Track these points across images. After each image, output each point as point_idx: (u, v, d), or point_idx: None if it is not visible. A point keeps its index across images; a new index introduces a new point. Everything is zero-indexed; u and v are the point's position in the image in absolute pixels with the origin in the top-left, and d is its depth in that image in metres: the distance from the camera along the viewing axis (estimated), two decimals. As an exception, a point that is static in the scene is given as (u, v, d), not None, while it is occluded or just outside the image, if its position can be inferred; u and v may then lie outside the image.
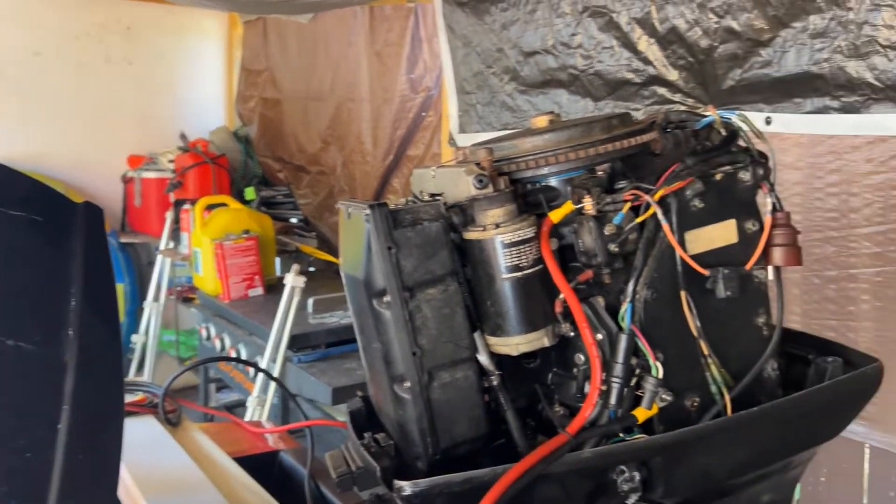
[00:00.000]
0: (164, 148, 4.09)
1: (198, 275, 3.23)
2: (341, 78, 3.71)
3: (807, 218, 1.75)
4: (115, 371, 0.65)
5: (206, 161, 3.89)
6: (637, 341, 0.71)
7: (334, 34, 3.70)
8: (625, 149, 0.75)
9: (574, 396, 0.75)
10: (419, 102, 3.24)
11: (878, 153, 1.64)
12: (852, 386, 0.79)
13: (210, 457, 1.09)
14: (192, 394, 3.34)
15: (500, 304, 0.71)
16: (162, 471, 1.01)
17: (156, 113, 4.28)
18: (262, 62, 4.30)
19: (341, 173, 3.74)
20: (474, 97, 2.59)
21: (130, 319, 3.89)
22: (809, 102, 1.64)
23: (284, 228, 3.81)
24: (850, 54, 1.55)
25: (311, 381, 2.42)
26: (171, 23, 4.31)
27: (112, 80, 4.13)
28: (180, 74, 4.39)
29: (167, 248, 3.60)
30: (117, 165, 4.12)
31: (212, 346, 3.03)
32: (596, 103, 2.17)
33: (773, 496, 0.81)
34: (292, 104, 4.12)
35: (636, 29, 2.02)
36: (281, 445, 1.26)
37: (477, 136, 2.55)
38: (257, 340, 2.74)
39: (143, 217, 4.03)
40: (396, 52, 3.31)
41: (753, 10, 1.72)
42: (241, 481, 1.02)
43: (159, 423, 1.16)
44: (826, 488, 1.73)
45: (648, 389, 0.71)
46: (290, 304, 2.64)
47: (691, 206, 0.75)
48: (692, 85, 1.92)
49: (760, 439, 0.76)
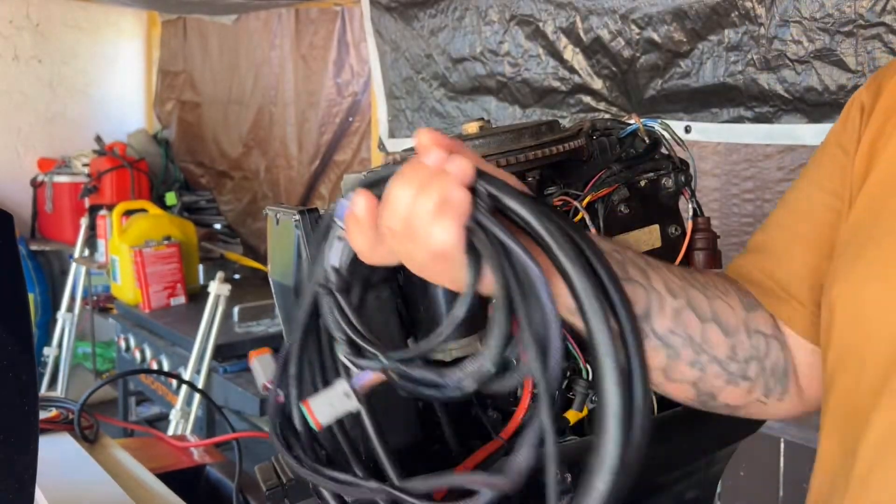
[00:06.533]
0: (77, 151, 3.92)
1: (115, 283, 3.11)
2: (264, 81, 3.64)
3: (724, 223, 1.83)
4: (28, 386, 0.61)
5: (123, 165, 3.75)
6: (567, 345, 0.73)
7: (258, 36, 3.63)
8: (554, 155, 0.76)
9: (507, 400, 0.75)
10: (346, 107, 3.21)
11: (787, 161, 1.73)
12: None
13: (130, 474, 1.04)
14: (110, 408, 3.20)
15: (434, 310, 0.71)
16: (79, 491, 0.96)
17: (68, 114, 4.09)
18: (181, 63, 4.18)
19: (265, 178, 3.67)
20: (403, 102, 2.59)
21: (42, 331, 3.71)
22: (726, 112, 1.72)
23: (208, 235, 3.71)
24: (762, 67, 1.64)
25: (238, 391, 2.36)
26: (85, 20, 4.13)
27: (20, 79, 3.93)
28: (95, 74, 4.21)
29: (82, 255, 3.44)
30: (27, 169, 3.92)
31: (131, 357, 2.91)
32: (524, 110, 2.21)
33: (697, 492, 0.84)
34: (212, 108, 4.01)
35: (562, 38, 2.06)
36: (207, 459, 1.22)
37: (407, 142, 2.55)
38: (180, 351, 2.65)
39: (56, 223, 3.85)
40: (322, 55, 3.27)
41: (673, 23, 1.79)
42: (165, 499, 0.98)
43: (75, 441, 1.11)
44: (745, 482, 1.81)
45: (579, 392, 0.73)
46: (215, 312, 2.57)
47: (617, 212, 0.77)
48: (616, 94, 1.97)
49: (685, 436, 0.79)
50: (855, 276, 0.55)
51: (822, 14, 1.52)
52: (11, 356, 0.60)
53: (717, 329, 0.60)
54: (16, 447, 0.60)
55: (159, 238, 3.03)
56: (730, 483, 1.81)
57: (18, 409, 0.60)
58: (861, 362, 0.53)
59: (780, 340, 0.64)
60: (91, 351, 3.49)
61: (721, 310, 0.61)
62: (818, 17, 1.53)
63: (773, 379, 0.63)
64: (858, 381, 0.53)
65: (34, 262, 3.78)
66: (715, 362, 0.60)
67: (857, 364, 0.54)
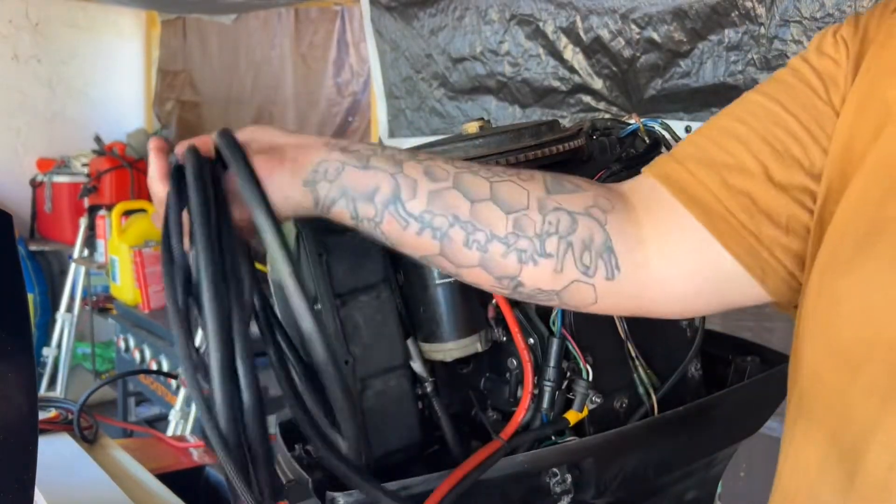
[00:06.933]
0: (77, 151, 3.91)
1: (115, 284, 3.10)
2: (264, 81, 3.64)
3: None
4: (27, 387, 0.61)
5: (123, 165, 3.75)
6: (568, 345, 0.73)
7: (257, 36, 3.63)
8: (554, 155, 0.76)
9: (507, 401, 0.75)
10: (346, 107, 3.21)
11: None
12: (770, 383, 0.82)
13: (130, 474, 1.04)
14: (109, 409, 3.20)
15: (433, 310, 0.71)
16: (78, 491, 0.96)
17: (68, 114, 4.08)
18: (180, 63, 4.17)
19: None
20: (403, 102, 2.59)
21: (41, 332, 3.70)
22: (725, 112, 1.72)
23: (207, 235, 3.70)
24: (762, 67, 1.63)
25: (237, 391, 2.35)
26: (84, 20, 4.12)
27: (19, 79, 3.92)
28: (94, 74, 4.20)
29: (81, 256, 3.44)
30: (26, 169, 3.91)
31: (130, 358, 2.91)
32: (524, 110, 2.21)
33: (697, 493, 0.84)
34: (212, 107, 4.01)
35: (562, 38, 2.06)
36: (206, 460, 1.22)
37: (406, 142, 2.55)
38: (179, 351, 2.65)
39: (55, 223, 3.84)
40: (322, 55, 3.27)
41: (673, 23, 1.79)
42: (164, 499, 0.98)
43: (74, 441, 1.11)
44: (745, 483, 1.81)
45: (579, 392, 0.73)
46: (214, 312, 2.56)
47: (618, 212, 0.77)
48: (616, 93, 1.97)
49: (686, 437, 0.79)
50: (870, 268, 0.50)
51: (822, 14, 1.52)
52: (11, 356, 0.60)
53: (494, 206, 0.58)
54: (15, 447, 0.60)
55: (159, 238, 3.02)
56: (730, 484, 1.81)
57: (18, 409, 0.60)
58: (865, 362, 0.50)
59: (599, 221, 0.59)
60: (90, 351, 3.49)
61: (505, 191, 0.58)
62: (818, 17, 1.53)
63: (590, 255, 0.58)
64: (854, 380, 0.50)
65: (33, 262, 3.78)
66: (495, 240, 0.57)
67: (856, 364, 0.51)
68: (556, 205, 0.59)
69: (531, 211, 0.58)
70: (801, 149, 0.57)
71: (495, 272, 0.59)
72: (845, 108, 0.56)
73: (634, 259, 0.60)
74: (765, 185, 0.57)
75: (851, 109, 0.56)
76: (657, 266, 0.60)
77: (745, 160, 0.58)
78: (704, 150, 0.60)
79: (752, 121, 0.59)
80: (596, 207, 0.60)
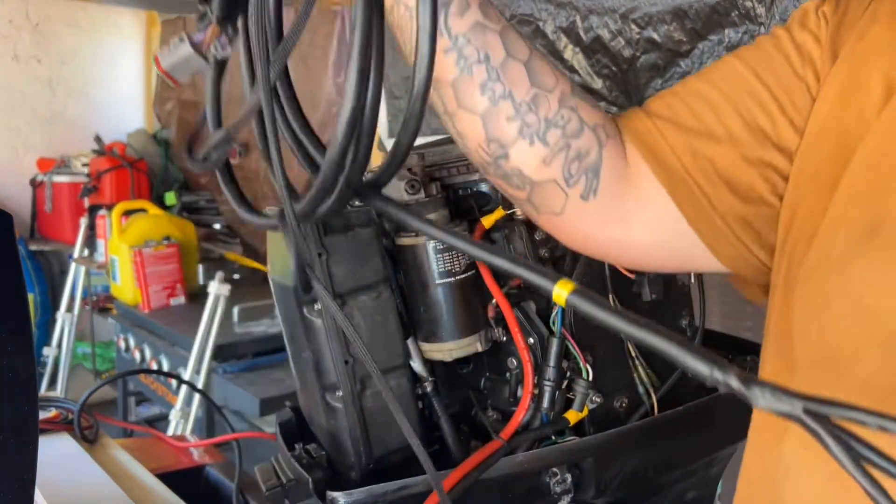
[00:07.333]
0: (77, 151, 3.91)
1: (115, 284, 3.10)
2: (265, 81, 3.63)
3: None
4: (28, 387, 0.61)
5: (123, 165, 3.75)
6: (568, 345, 0.73)
7: (258, 36, 3.63)
8: (554, 155, 0.76)
9: (507, 401, 0.75)
10: (346, 107, 3.21)
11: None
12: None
13: (130, 474, 1.04)
14: (109, 408, 3.20)
15: (433, 310, 0.71)
16: (79, 491, 0.96)
17: (68, 114, 4.08)
18: (182, 63, 4.18)
19: (265, 178, 3.66)
20: (403, 102, 2.59)
21: (41, 331, 3.70)
22: (725, 112, 1.72)
23: (208, 235, 3.70)
24: (762, 66, 1.63)
25: (238, 392, 2.35)
26: (85, 20, 4.13)
27: (19, 79, 3.93)
28: (94, 74, 4.20)
29: (81, 255, 3.44)
30: (26, 169, 3.91)
31: (131, 357, 2.91)
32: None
33: (697, 492, 0.84)
34: (214, 107, 4.01)
35: (562, 38, 2.06)
36: (207, 460, 1.22)
37: (405, 142, 2.54)
38: (180, 351, 2.65)
39: (55, 223, 3.84)
40: (322, 55, 3.27)
41: (672, 23, 1.79)
42: (165, 499, 0.98)
43: (75, 441, 1.10)
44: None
45: (579, 392, 0.73)
46: (215, 312, 2.56)
47: (618, 212, 0.77)
48: (616, 93, 1.97)
49: (686, 437, 0.79)
50: (861, 266, 0.50)
51: (821, 14, 1.52)
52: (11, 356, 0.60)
53: (524, 71, 0.56)
54: (16, 447, 0.60)
55: (159, 238, 3.03)
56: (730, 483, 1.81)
57: (18, 409, 0.60)
58: (857, 362, 0.50)
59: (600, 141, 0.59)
60: (91, 351, 3.49)
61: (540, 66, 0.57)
62: (818, 17, 1.53)
63: (578, 166, 0.58)
64: (840, 382, 0.50)
65: (33, 262, 3.78)
66: (510, 100, 0.56)
67: (845, 365, 0.50)
68: (574, 106, 0.58)
69: (552, 96, 0.58)
70: (769, 121, 0.58)
71: (491, 131, 0.57)
72: (825, 92, 0.56)
73: (612, 191, 0.60)
74: (729, 153, 0.58)
75: (832, 94, 0.56)
76: (628, 210, 0.61)
77: (713, 127, 0.59)
78: (676, 111, 0.61)
79: (726, 87, 0.59)
80: (603, 129, 0.60)
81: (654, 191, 0.60)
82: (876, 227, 0.50)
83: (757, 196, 0.58)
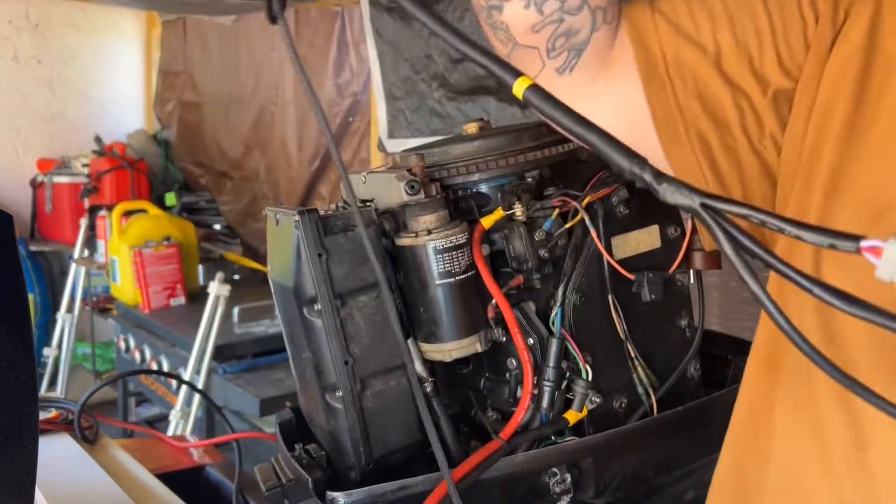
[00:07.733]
0: (77, 151, 3.92)
1: (115, 284, 3.10)
2: (264, 81, 3.64)
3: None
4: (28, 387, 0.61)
5: (123, 165, 3.75)
6: (567, 345, 0.73)
7: (258, 36, 3.63)
8: (553, 156, 0.77)
9: (506, 401, 0.75)
10: (346, 107, 3.21)
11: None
12: (769, 383, 0.82)
13: (130, 474, 1.04)
14: (110, 409, 3.20)
15: (433, 310, 0.71)
16: (79, 491, 0.96)
17: (68, 115, 4.09)
18: (181, 64, 4.18)
19: (265, 179, 3.67)
20: (403, 103, 2.59)
21: (41, 332, 3.71)
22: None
23: (207, 235, 3.71)
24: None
25: (238, 392, 2.36)
26: (85, 21, 4.13)
27: (19, 80, 3.93)
28: (94, 75, 4.21)
29: (82, 256, 3.44)
30: (26, 169, 3.91)
31: (131, 358, 2.91)
32: (524, 111, 2.21)
33: (696, 493, 0.84)
34: (213, 108, 4.01)
35: (561, 38, 2.06)
36: (207, 460, 1.22)
37: (406, 142, 2.54)
38: (180, 352, 2.65)
39: (55, 224, 3.85)
40: (322, 55, 3.27)
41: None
42: (165, 499, 0.98)
43: (75, 441, 1.11)
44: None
45: (578, 392, 0.73)
46: (215, 313, 2.56)
47: (617, 212, 0.77)
48: None
49: (686, 437, 0.79)
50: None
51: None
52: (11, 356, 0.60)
53: None
54: (16, 448, 0.60)
55: (159, 238, 3.03)
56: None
57: (18, 409, 0.60)
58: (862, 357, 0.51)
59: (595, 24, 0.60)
60: (91, 351, 3.49)
61: None
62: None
63: (564, 42, 0.59)
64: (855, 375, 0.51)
65: (34, 262, 3.78)
66: None
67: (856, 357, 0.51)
68: None
69: None
70: (757, 47, 0.58)
71: None
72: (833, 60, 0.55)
73: (587, 72, 0.61)
74: (712, 68, 0.59)
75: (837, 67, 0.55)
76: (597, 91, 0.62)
77: (705, 39, 0.60)
78: (678, 13, 0.61)
79: (732, 2, 0.60)
80: (603, 12, 0.60)
81: (628, 77, 0.61)
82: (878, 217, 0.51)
83: (723, 117, 0.59)
